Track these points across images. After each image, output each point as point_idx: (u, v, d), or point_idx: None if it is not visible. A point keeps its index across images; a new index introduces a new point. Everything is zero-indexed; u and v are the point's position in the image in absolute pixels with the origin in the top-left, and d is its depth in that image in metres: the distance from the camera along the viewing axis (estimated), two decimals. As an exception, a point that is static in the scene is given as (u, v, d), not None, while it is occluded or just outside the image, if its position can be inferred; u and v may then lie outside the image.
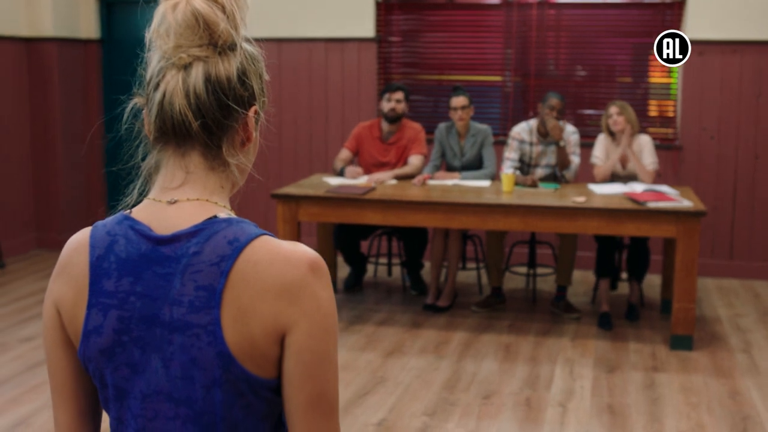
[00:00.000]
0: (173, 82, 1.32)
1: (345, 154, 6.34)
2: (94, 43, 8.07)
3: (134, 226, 1.35)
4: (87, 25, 8.00)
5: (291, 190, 5.79)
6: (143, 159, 1.43)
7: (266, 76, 1.43)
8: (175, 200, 1.36)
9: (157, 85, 1.34)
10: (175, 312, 1.30)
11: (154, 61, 1.36)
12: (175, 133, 1.34)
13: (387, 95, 6.21)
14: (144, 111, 1.39)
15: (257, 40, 1.41)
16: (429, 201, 5.49)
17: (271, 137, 7.74)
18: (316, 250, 6.58)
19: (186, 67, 1.32)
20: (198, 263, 1.30)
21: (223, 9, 1.33)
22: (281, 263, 1.30)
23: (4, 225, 7.48)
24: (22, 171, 7.71)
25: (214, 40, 1.33)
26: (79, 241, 1.38)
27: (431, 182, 6.04)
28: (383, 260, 7.13)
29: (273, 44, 7.63)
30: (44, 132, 7.76)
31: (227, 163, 1.38)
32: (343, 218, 5.71)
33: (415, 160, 6.24)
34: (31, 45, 7.65)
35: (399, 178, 6.16)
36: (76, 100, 7.95)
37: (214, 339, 1.28)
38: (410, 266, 6.47)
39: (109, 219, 1.40)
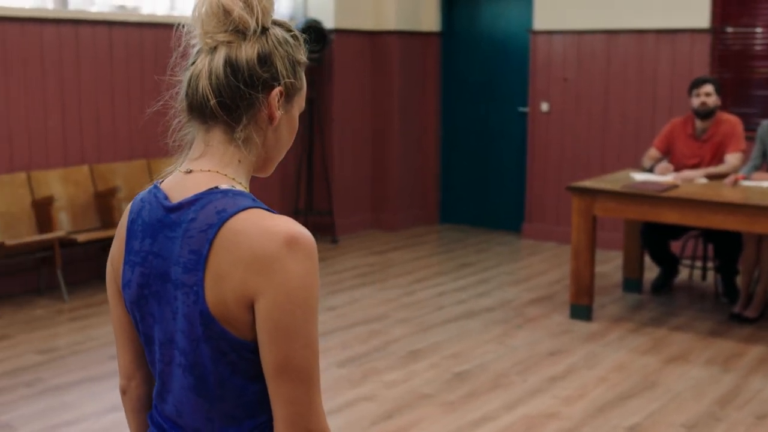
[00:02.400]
0: (200, 64, 1.46)
1: (653, 152, 6.07)
2: (434, 36, 8.45)
3: (157, 194, 1.50)
4: (428, 18, 8.39)
5: (588, 183, 5.68)
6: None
7: (301, 59, 1.51)
8: (190, 170, 1.49)
9: (190, 67, 1.48)
10: (177, 271, 1.43)
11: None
12: (199, 110, 1.47)
13: (695, 91, 5.85)
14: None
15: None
16: (733, 202, 5.11)
17: (596, 130, 7.62)
18: (622, 247, 6.41)
19: (212, 51, 1.45)
20: (192, 229, 1.42)
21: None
22: (258, 235, 1.38)
23: (341, 204, 8.10)
24: (362, 154, 8.30)
25: (237, 27, 1.44)
26: (127, 207, 1.57)
27: (745, 183, 5.60)
28: (700, 263, 6.73)
29: (602, 36, 7.49)
30: (383, 118, 8.28)
31: (248, 139, 1.49)
32: (640, 215, 5.50)
33: (732, 158, 5.82)
34: (375, 37, 8.20)
35: (711, 177, 5.78)
36: (414, 89, 8.38)
37: (197, 298, 1.40)
38: (723, 271, 6.06)
39: (148, 188, 1.56)
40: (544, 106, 7.84)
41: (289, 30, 1.51)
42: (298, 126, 1.57)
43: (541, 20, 7.75)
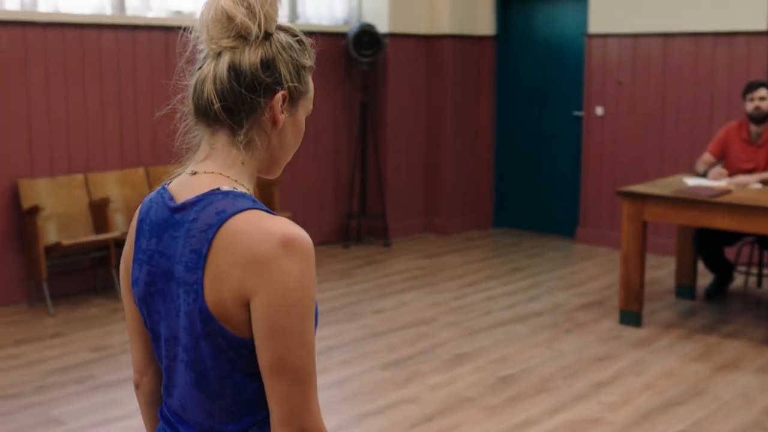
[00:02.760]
0: (206, 69, 1.50)
1: (707, 157, 5.99)
2: (489, 40, 8.43)
3: (163, 194, 1.55)
4: (483, 22, 8.38)
5: (638, 188, 5.63)
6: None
7: (306, 63, 1.54)
8: (195, 172, 1.53)
9: (197, 72, 1.53)
10: (179, 270, 1.48)
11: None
12: (204, 113, 1.52)
13: (749, 95, 5.75)
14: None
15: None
16: (786, 208, 5.01)
17: (651, 134, 7.53)
18: (675, 252, 6.33)
19: (218, 56, 1.49)
20: (193, 229, 1.46)
21: (248, 5, 1.47)
22: (255, 236, 1.41)
23: (394, 207, 8.13)
24: (416, 158, 8.33)
25: (239, 32, 1.48)
26: (138, 207, 1.62)
27: (801, 188, 5.49)
28: (755, 270, 6.61)
29: (657, 39, 7.41)
30: (437, 122, 8.29)
31: (251, 142, 1.52)
32: (691, 221, 5.42)
33: (788, 163, 5.72)
34: (429, 41, 8.22)
35: (766, 182, 5.67)
36: (468, 92, 8.38)
37: (197, 297, 1.44)
38: (779, 279, 5.94)
39: (157, 189, 1.61)
40: (599, 110, 7.78)
41: (294, 35, 1.54)
42: (304, 129, 1.60)
43: (596, 23, 7.68)
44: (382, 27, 7.83)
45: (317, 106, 7.02)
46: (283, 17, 6.33)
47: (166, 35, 6.62)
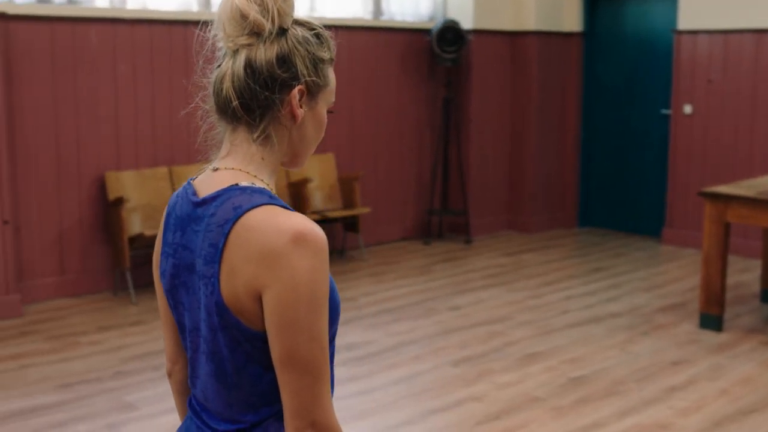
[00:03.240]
0: (225, 66, 1.53)
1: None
2: (575, 36, 8.32)
3: (188, 189, 1.59)
4: (570, 18, 8.27)
5: (721, 188, 5.48)
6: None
7: (324, 56, 1.55)
8: (216, 168, 1.56)
9: (216, 69, 1.56)
10: (199, 263, 1.51)
11: None
12: (224, 111, 1.55)
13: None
14: None
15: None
16: None
17: (741, 133, 7.32)
18: (760, 256, 6.14)
19: (235, 54, 1.51)
20: (212, 224, 1.49)
21: (261, 2, 1.49)
22: (268, 231, 1.44)
23: (476, 205, 8.10)
24: (499, 155, 8.27)
25: (253, 30, 1.50)
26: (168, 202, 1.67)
27: None
28: None
29: (749, 35, 7.19)
30: (522, 119, 8.23)
31: (270, 137, 1.55)
32: (776, 223, 5.26)
33: None
34: (514, 38, 8.15)
35: None
36: (553, 90, 8.28)
37: (213, 290, 1.48)
38: None
39: (184, 184, 1.65)
40: (688, 109, 7.59)
41: (312, 29, 1.55)
42: (326, 122, 1.61)
43: (686, 20, 7.50)
44: (467, 23, 7.80)
45: (400, 102, 7.07)
46: (367, 13, 6.36)
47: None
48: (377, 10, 7.63)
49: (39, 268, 5.96)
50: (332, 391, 1.62)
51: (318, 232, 1.45)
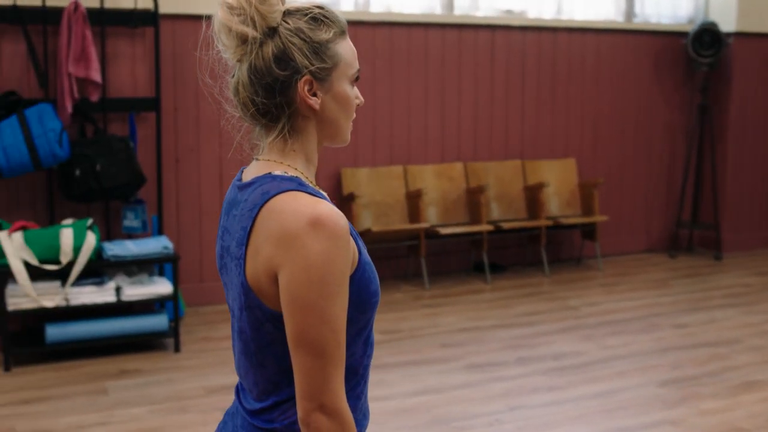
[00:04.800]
0: (237, 75, 1.60)
1: None
2: None
3: (238, 177, 1.68)
4: None
5: None
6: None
7: (323, 37, 1.57)
8: (257, 159, 1.65)
9: (232, 80, 1.62)
10: (233, 245, 1.60)
11: None
12: (246, 116, 1.62)
13: None
14: None
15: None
16: None
17: None
18: None
19: (239, 63, 1.58)
20: (245, 209, 1.57)
21: (239, 11, 1.53)
22: (287, 214, 1.49)
23: (730, 219, 7.59)
24: (761, 166, 7.70)
25: (242, 39, 1.55)
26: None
27: None
28: None
29: None
30: (788, 130, 7.61)
31: (295, 130, 1.61)
32: None
33: None
34: (784, 41, 7.56)
35: None
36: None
37: (240, 270, 1.56)
38: None
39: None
40: None
41: (306, 14, 1.56)
42: (354, 92, 1.63)
43: None
44: (728, 26, 7.32)
45: (650, 107, 6.78)
46: (620, 15, 6.15)
47: (493, 34, 6.74)
48: (629, 11, 7.36)
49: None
50: (362, 382, 1.64)
51: (338, 218, 1.48)
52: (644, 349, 5.18)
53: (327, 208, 1.49)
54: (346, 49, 1.61)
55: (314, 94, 1.58)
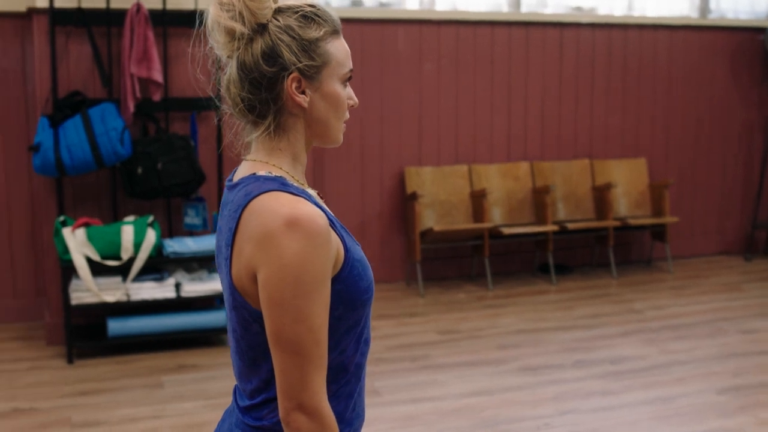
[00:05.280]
0: (227, 71, 1.61)
1: None
2: None
3: (229, 177, 1.70)
4: None
5: None
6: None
7: (313, 36, 1.57)
8: (245, 159, 1.66)
9: (224, 77, 1.64)
10: (223, 245, 1.62)
11: None
12: (235, 112, 1.63)
13: None
14: None
15: None
16: None
17: None
18: None
19: (230, 59, 1.59)
20: (231, 209, 1.59)
21: (229, 7, 1.55)
22: (266, 214, 1.51)
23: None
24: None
25: (231, 35, 1.56)
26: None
27: None
28: None
29: None
30: None
31: (282, 128, 1.61)
32: None
33: None
34: None
35: None
36: None
37: (228, 270, 1.58)
38: None
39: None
40: None
41: (296, 11, 1.57)
42: (345, 94, 1.62)
43: None
44: (810, 21, 7.07)
45: (725, 106, 6.63)
46: (694, 11, 5.99)
47: (561, 32, 6.65)
48: (705, 7, 7.17)
49: (340, 254, 6.35)
50: (353, 380, 1.64)
51: (315, 217, 1.49)
52: (707, 355, 5.05)
53: (305, 208, 1.49)
54: (338, 48, 1.60)
55: (303, 92, 1.58)
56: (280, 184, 1.55)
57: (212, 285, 5.06)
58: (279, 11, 1.57)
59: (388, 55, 6.26)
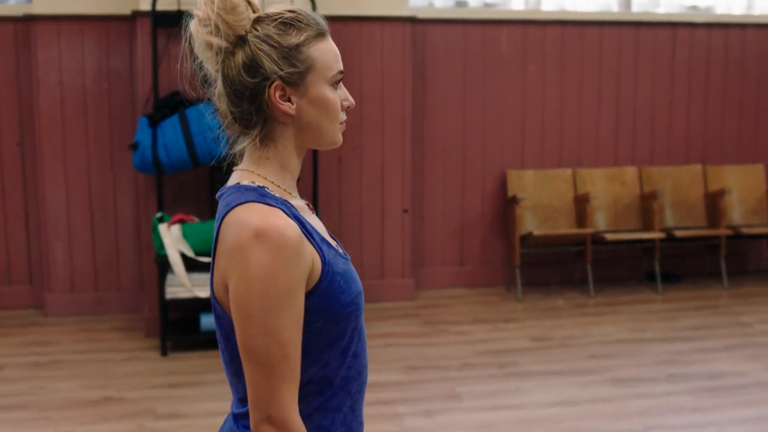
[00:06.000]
0: (216, 86, 1.61)
1: None
2: None
3: (223, 187, 1.69)
4: None
5: None
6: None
7: (293, 42, 1.55)
8: (235, 169, 1.66)
9: (214, 90, 1.63)
10: (212, 256, 1.62)
11: None
12: (224, 122, 1.63)
13: None
14: None
15: None
16: None
17: None
18: None
19: (217, 73, 1.59)
20: (216, 220, 1.60)
21: (206, 22, 1.54)
22: (237, 226, 1.51)
23: None
24: None
25: (211, 49, 1.56)
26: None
27: None
28: None
29: None
30: None
31: (270, 137, 1.60)
32: None
33: None
34: None
35: None
36: None
37: (211, 281, 1.59)
38: None
39: None
40: None
41: (275, 19, 1.55)
42: (335, 96, 1.60)
43: None
44: None
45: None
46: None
47: (674, 32, 6.42)
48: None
49: (439, 257, 6.32)
50: (340, 393, 1.62)
51: (284, 229, 1.48)
52: (813, 374, 4.78)
53: (276, 220, 1.49)
54: (322, 51, 1.58)
55: (288, 100, 1.57)
56: (259, 195, 1.54)
57: (304, 284, 5.11)
58: (258, 21, 1.56)
59: (491, 57, 6.18)
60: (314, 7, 5.28)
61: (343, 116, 1.64)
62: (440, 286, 6.32)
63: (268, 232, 1.47)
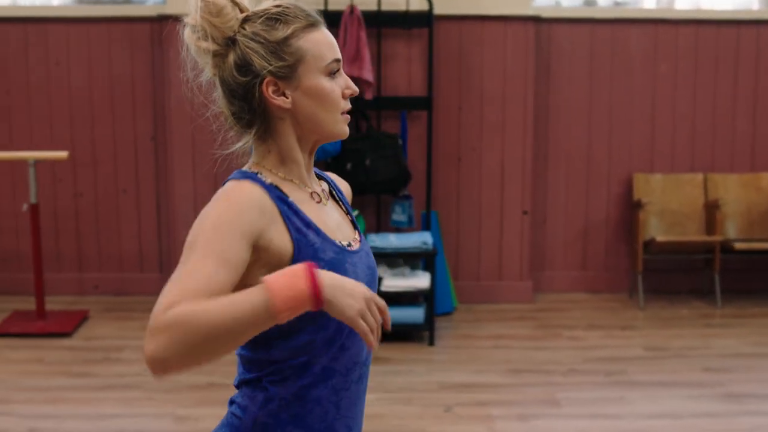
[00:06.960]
0: (217, 89, 1.67)
1: None
2: None
3: None
4: None
5: None
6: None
7: (280, 35, 1.57)
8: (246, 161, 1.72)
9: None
10: None
11: None
12: (227, 123, 1.68)
13: None
14: None
15: None
16: None
17: None
18: None
19: (215, 77, 1.64)
20: None
21: (195, 27, 1.59)
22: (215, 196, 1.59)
23: None
24: None
25: (205, 54, 1.61)
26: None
27: None
28: None
29: None
30: None
31: (269, 132, 1.64)
32: None
33: None
34: None
35: None
36: None
37: None
38: None
39: None
40: None
41: (261, 16, 1.58)
42: (332, 85, 1.61)
43: None
44: None
45: None
46: None
47: (820, 31, 6.06)
48: None
49: (560, 260, 6.21)
50: (317, 382, 1.64)
51: (245, 190, 1.55)
52: None
53: (242, 185, 1.56)
54: (313, 41, 1.60)
55: (283, 94, 1.60)
56: (247, 176, 1.60)
57: (414, 281, 5.15)
58: (246, 20, 1.60)
59: (619, 57, 6.02)
60: (431, 7, 5.30)
61: (345, 105, 1.65)
62: (561, 290, 6.21)
63: (228, 191, 1.55)
